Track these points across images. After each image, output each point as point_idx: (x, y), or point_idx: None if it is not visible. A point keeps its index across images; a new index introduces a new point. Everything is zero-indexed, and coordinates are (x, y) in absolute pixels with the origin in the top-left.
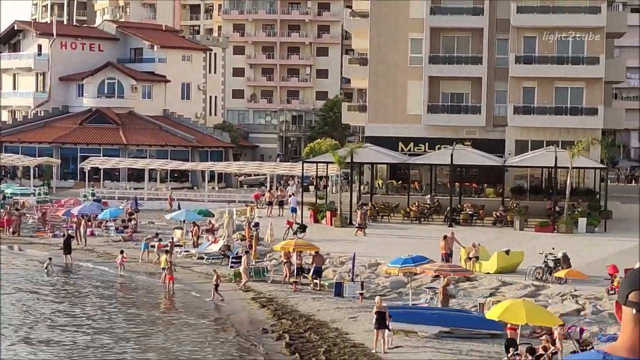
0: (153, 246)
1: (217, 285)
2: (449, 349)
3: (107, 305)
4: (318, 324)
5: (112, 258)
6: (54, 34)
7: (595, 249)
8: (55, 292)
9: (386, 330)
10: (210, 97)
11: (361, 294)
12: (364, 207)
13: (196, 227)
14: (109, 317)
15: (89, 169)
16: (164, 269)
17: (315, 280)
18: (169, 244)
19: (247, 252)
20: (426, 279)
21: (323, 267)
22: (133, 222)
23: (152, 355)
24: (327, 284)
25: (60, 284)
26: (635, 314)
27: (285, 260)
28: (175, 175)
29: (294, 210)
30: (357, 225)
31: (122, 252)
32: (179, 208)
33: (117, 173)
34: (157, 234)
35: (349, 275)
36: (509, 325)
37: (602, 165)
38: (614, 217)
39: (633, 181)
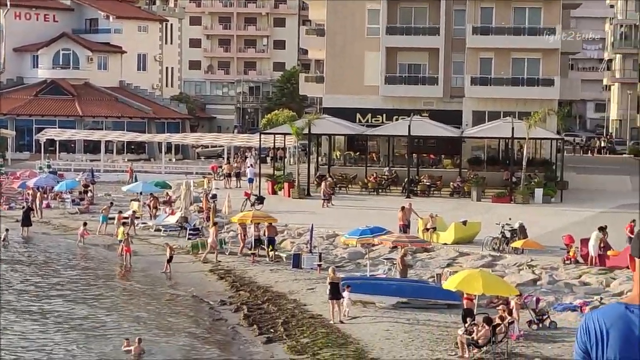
0: (112, 218)
1: (170, 258)
2: (406, 319)
3: (64, 277)
4: (276, 295)
5: (68, 230)
6: (8, 4)
7: (551, 220)
8: (14, 262)
9: (345, 300)
10: (167, 68)
11: (319, 265)
12: (329, 178)
13: (154, 199)
14: (68, 288)
15: (45, 140)
16: (120, 241)
17: (272, 252)
18: (130, 217)
19: (215, 224)
20: (384, 250)
21: (280, 238)
22: (89, 194)
23: (110, 324)
24: (285, 255)
25: (19, 256)
26: None
27: (241, 232)
28: (132, 147)
29: (251, 181)
30: (322, 197)
31: (85, 224)
32: (136, 180)
33: (73, 145)
34: (111, 203)
35: (306, 247)
36: (465, 295)
37: (558, 136)
38: (569, 187)
39: (588, 151)
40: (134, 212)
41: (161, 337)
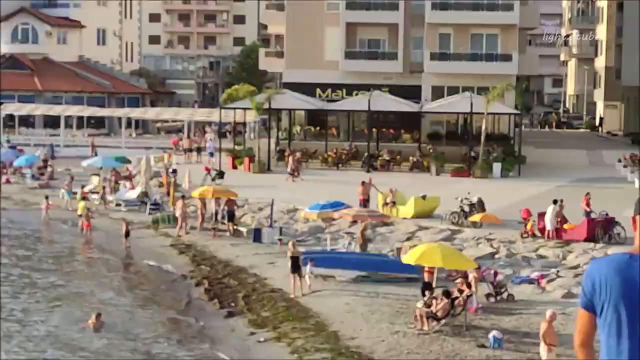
0: (75, 193)
1: (127, 233)
2: (366, 293)
3: (27, 252)
4: (237, 269)
5: (29, 205)
6: None
7: (509, 194)
8: None
9: (307, 274)
10: (127, 43)
11: (280, 239)
12: (297, 153)
13: (115, 174)
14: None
15: (4, 115)
16: (80, 216)
17: (232, 226)
18: (102, 190)
19: (183, 197)
20: (344, 224)
21: (241, 212)
22: (49, 169)
23: (69, 297)
24: (245, 230)
25: None
26: None
27: (201, 207)
28: (92, 122)
29: (211, 155)
30: (289, 171)
31: (47, 197)
32: (96, 155)
33: (32, 120)
34: (72, 178)
35: (267, 221)
36: (426, 269)
37: (516, 111)
38: (527, 162)
39: (546, 126)
40: (104, 187)
41: (121, 311)
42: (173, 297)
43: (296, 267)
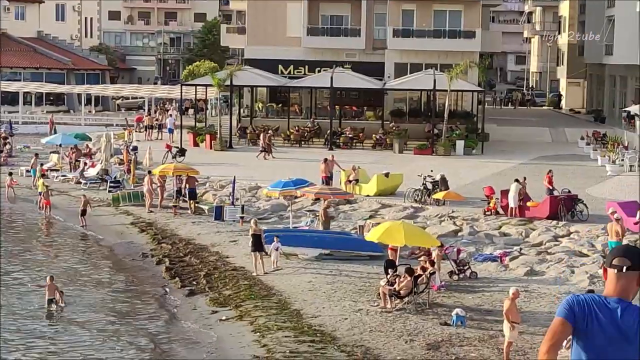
0: (32, 170)
1: (84, 211)
2: (329, 271)
3: None
4: (198, 247)
5: None
6: None
7: (472, 171)
8: None
9: (273, 252)
10: (86, 18)
11: (241, 217)
12: (269, 131)
13: (76, 151)
14: None
15: None
16: (40, 193)
17: (194, 204)
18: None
19: (149, 172)
20: (307, 202)
21: (202, 190)
22: (8, 146)
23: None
24: (207, 208)
25: None
26: (616, 273)
27: (159, 184)
28: (51, 98)
29: (170, 131)
30: (260, 149)
31: (10, 174)
32: (55, 132)
33: None
34: (36, 155)
35: (229, 199)
36: (389, 247)
37: (479, 88)
38: (490, 139)
39: (509, 104)
40: (71, 162)
41: (82, 290)
42: (133, 274)
43: (258, 246)
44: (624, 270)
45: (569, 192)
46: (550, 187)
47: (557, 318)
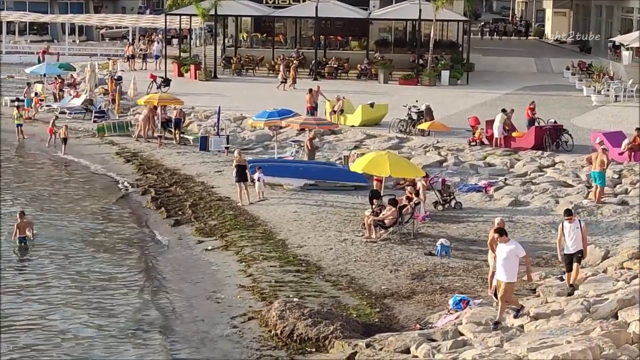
0: (41, 100)
1: (65, 139)
2: (314, 201)
3: None
4: (184, 178)
5: None
6: None
7: (457, 101)
8: None
9: (257, 183)
10: None
11: (227, 147)
12: (294, 61)
13: (60, 81)
14: None
15: None
16: (19, 125)
17: (178, 134)
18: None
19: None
20: (291, 132)
21: (187, 120)
22: None
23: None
24: (192, 138)
25: None
26: None
27: (147, 115)
28: (35, 28)
29: (157, 57)
30: (281, 79)
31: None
32: (40, 62)
33: None
34: (28, 84)
35: (214, 129)
36: (374, 177)
37: (465, 18)
38: (475, 69)
39: (495, 34)
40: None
41: (64, 219)
42: (119, 205)
43: (242, 176)
44: None
45: (555, 122)
46: (532, 118)
47: None
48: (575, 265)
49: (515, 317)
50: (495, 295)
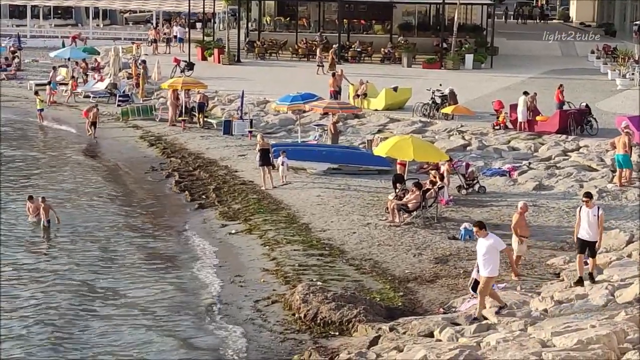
0: (64, 84)
1: (94, 123)
2: (337, 185)
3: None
4: (207, 162)
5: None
6: None
7: (481, 85)
8: None
9: (281, 166)
10: None
11: (250, 131)
12: (334, 45)
13: (84, 65)
14: None
15: None
16: (41, 110)
17: (202, 118)
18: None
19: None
20: (315, 116)
21: (211, 104)
22: (17, 60)
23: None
24: (215, 122)
25: None
26: None
27: (173, 100)
28: (59, 11)
29: (181, 40)
30: (318, 63)
31: (37, 93)
32: (64, 46)
33: None
34: (54, 68)
35: (237, 113)
36: (398, 161)
37: (489, 1)
38: (500, 53)
39: (519, 18)
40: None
41: (90, 204)
42: (143, 188)
43: (265, 160)
44: None
45: (587, 105)
46: (562, 102)
47: None
48: (591, 260)
49: (497, 313)
50: (474, 289)
